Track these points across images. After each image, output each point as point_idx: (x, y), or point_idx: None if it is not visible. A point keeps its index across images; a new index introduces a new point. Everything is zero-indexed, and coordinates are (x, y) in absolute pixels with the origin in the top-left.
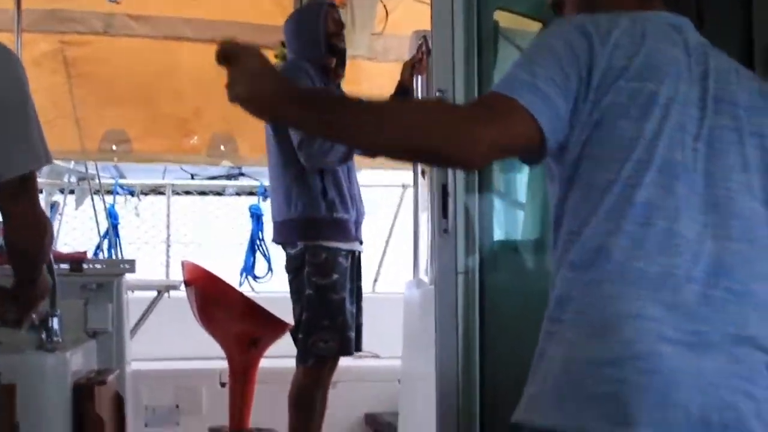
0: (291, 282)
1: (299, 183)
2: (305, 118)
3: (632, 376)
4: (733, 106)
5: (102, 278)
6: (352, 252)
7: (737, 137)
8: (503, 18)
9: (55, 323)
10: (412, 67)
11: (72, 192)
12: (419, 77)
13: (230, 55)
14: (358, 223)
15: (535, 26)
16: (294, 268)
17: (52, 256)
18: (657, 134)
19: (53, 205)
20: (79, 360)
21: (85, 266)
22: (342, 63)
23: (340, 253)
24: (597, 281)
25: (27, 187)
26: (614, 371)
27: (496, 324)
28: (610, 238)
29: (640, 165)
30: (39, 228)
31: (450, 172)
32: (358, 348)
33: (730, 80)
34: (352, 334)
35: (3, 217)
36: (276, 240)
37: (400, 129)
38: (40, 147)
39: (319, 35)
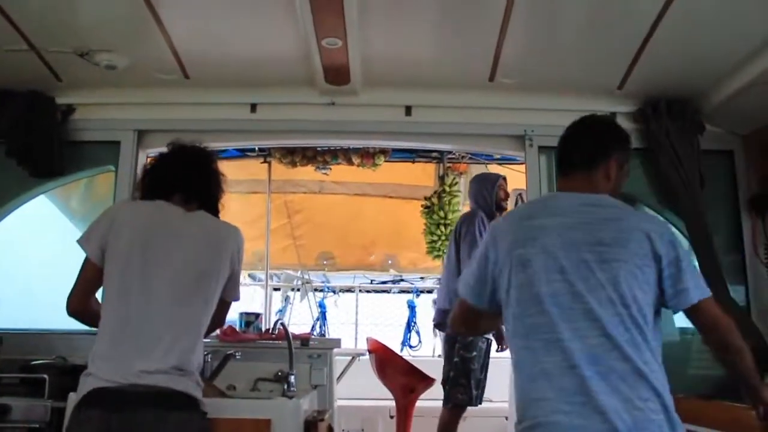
0: (447, 350)
1: None
2: None
3: None
4: (593, 245)
5: (320, 351)
6: (488, 339)
7: (597, 265)
8: None
9: (292, 379)
10: None
11: (298, 290)
12: None
13: None
14: None
15: None
16: (450, 341)
17: (291, 336)
18: (534, 280)
19: (287, 298)
20: (306, 404)
21: (310, 343)
22: (501, 212)
23: (480, 339)
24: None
25: (226, 307)
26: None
27: None
28: (520, 352)
29: (521, 303)
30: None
31: None
32: (480, 401)
33: (595, 227)
34: (477, 392)
35: None
36: (437, 320)
37: None
38: (236, 288)
39: (494, 199)
